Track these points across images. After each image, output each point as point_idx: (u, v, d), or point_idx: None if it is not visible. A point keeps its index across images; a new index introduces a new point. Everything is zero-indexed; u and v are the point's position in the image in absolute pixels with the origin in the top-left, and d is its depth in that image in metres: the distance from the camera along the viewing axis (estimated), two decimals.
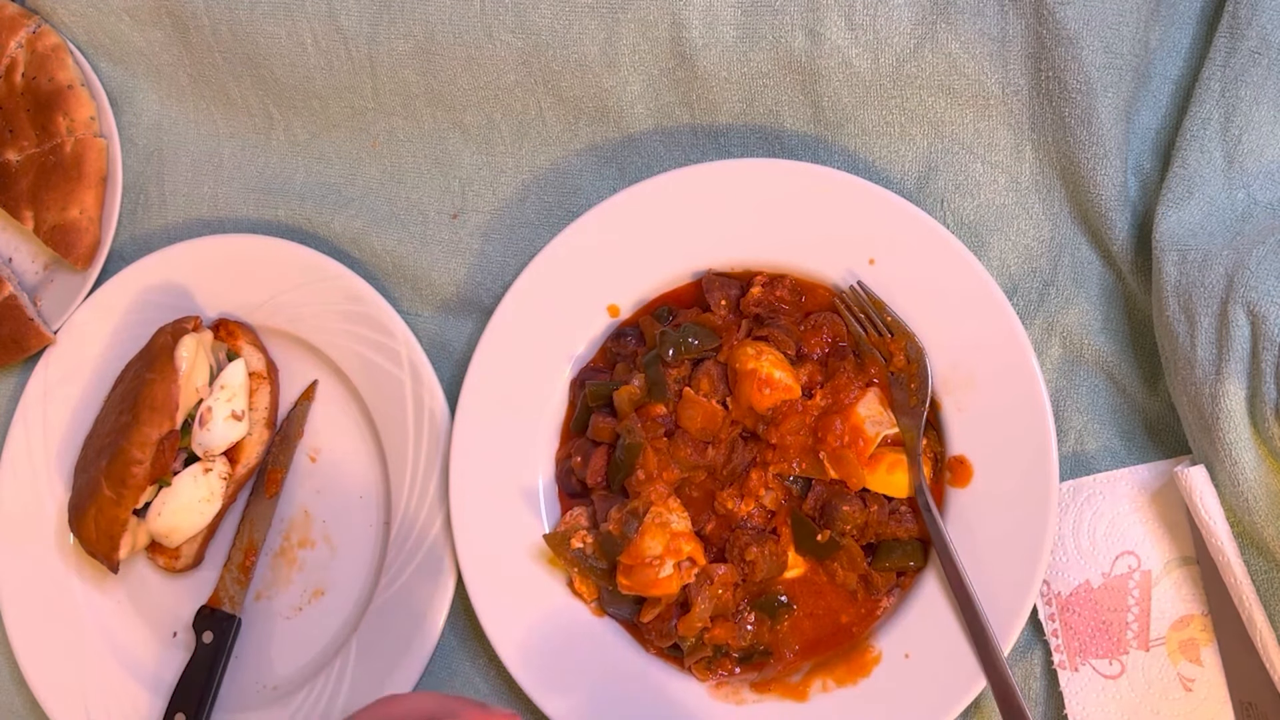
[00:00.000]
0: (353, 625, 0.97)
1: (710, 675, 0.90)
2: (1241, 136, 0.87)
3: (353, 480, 0.99)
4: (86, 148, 1.00)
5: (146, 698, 0.98)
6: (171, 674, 0.99)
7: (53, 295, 1.02)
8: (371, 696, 0.92)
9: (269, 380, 0.99)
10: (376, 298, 0.96)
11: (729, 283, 0.92)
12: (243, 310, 1.00)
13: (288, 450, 1.00)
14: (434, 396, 0.95)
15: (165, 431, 0.91)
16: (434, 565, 0.94)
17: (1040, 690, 0.90)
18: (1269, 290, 0.80)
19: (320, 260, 0.97)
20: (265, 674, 0.99)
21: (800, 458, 0.87)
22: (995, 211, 0.93)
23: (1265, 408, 0.79)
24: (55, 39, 1.00)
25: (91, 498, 0.93)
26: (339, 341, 0.97)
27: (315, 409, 1.01)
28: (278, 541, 1.00)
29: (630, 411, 0.89)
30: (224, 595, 0.98)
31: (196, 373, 0.94)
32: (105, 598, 1.01)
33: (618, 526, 0.86)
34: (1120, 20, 0.88)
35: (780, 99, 0.94)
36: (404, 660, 0.93)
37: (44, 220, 1.00)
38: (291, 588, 1.00)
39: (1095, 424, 0.91)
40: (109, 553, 0.93)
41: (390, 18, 0.96)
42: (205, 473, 0.95)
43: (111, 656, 0.99)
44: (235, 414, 0.95)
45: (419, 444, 0.95)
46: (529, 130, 0.98)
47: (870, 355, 0.89)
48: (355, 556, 0.99)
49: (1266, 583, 0.82)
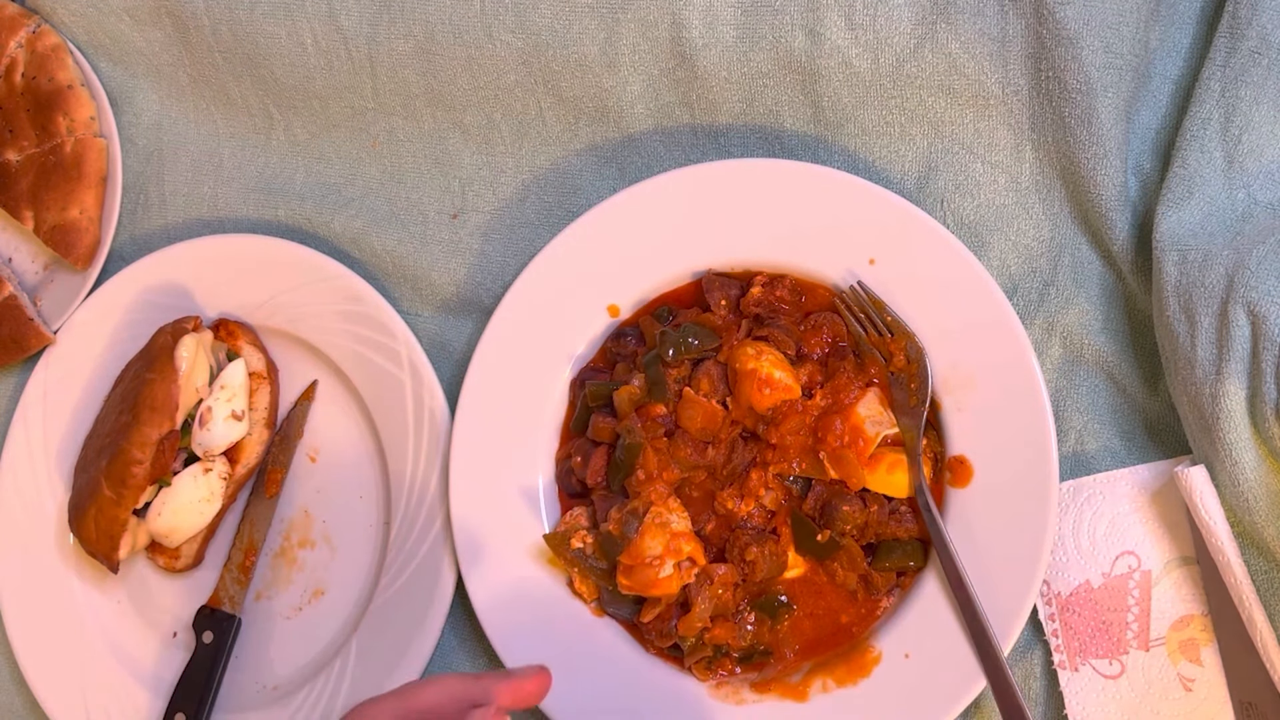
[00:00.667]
0: (353, 625, 0.97)
1: (710, 675, 0.90)
2: (1241, 136, 0.87)
3: (353, 480, 0.99)
4: (86, 148, 1.00)
5: (146, 698, 0.98)
6: (171, 674, 0.99)
7: (53, 295, 1.02)
8: (371, 696, 0.92)
9: (269, 380, 0.98)
10: (376, 298, 0.96)
11: (729, 283, 0.92)
12: (243, 310, 0.99)
13: (288, 450, 1.00)
14: (434, 396, 0.95)
15: (165, 431, 0.91)
16: (434, 565, 0.94)
17: (1040, 690, 0.90)
18: (1269, 290, 0.80)
19: (320, 260, 0.97)
20: (265, 674, 0.99)
21: (800, 458, 0.87)
22: (995, 211, 0.93)
23: (1265, 408, 0.79)
24: (55, 39, 1.00)
25: (91, 498, 0.92)
26: (339, 341, 0.97)
27: (315, 409, 1.01)
28: (278, 541, 1.00)
29: (630, 411, 0.89)
30: (224, 595, 0.98)
31: (196, 373, 0.94)
32: (105, 598, 1.01)
33: (618, 526, 0.86)
34: (1120, 20, 0.88)
35: (780, 99, 0.94)
36: (404, 660, 0.93)
37: (44, 220, 1.00)
38: (291, 588, 1.00)
39: (1095, 424, 0.91)
40: (109, 553, 0.93)
41: (390, 18, 0.96)
42: (205, 473, 0.95)
43: (111, 656, 0.99)
44: (235, 414, 0.95)
45: (419, 444, 0.95)
46: (529, 130, 0.98)
47: (870, 355, 0.89)
48: (355, 556, 0.99)
49: (1266, 583, 0.82)
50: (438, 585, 0.93)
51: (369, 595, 0.97)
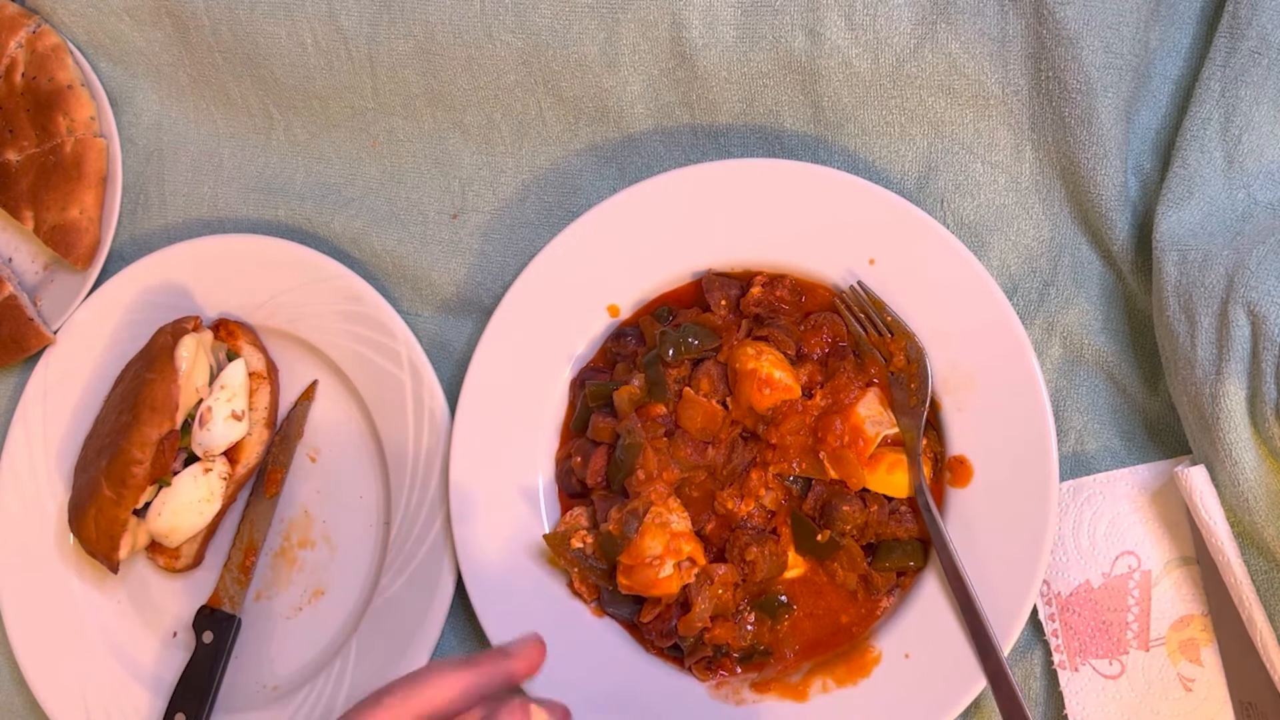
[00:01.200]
0: (353, 625, 0.97)
1: (710, 675, 0.90)
2: (1241, 136, 0.87)
3: (353, 480, 0.99)
4: (86, 148, 1.00)
5: (146, 697, 0.98)
6: (171, 674, 0.99)
7: (53, 295, 1.02)
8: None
9: (269, 380, 0.98)
10: (376, 298, 0.96)
11: (729, 283, 0.92)
12: (243, 310, 0.99)
13: (288, 450, 1.00)
14: (434, 396, 0.95)
15: (165, 431, 0.91)
16: (434, 565, 0.94)
17: (1040, 690, 0.90)
18: (1269, 290, 0.80)
19: (320, 260, 0.97)
20: (265, 674, 0.99)
21: (800, 458, 0.87)
22: (995, 211, 0.93)
23: (1265, 408, 0.79)
24: (55, 39, 1.00)
25: (91, 498, 0.92)
26: (339, 341, 0.97)
27: (315, 409, 1.01)
28: (278, 542, 1.00)
29: (630, 411, 0.89)
30: (224, 595, 0.98)
31: (196, 373, 0.94)
32: (105, 598, 1.01)
33: (618, 526, 0.86)
34: (1120, 20, 0.88)
35: (780, 99, 0.94)
36: (404, 660, 0.93)
37: (44, 220, 1.00)
38: (292, 588, 1.00)
39: (1095, 424, 0.91)
40: (109, 553, 0.93)
41: (390, 18, 0.96)
42: (205, 473, 0.95)
43: (111, 656, 0.99)
44: (235, 414, 0.95)
45: (419, 444, 0.95)
46: (529, 130, 0.98)
47: (870, 355, 0.89)
48: (355, 557, 0.98)
49: (1266, 583, 0.82)
50: (438, 585, 0.93)
51: (369, 595, 0.97)
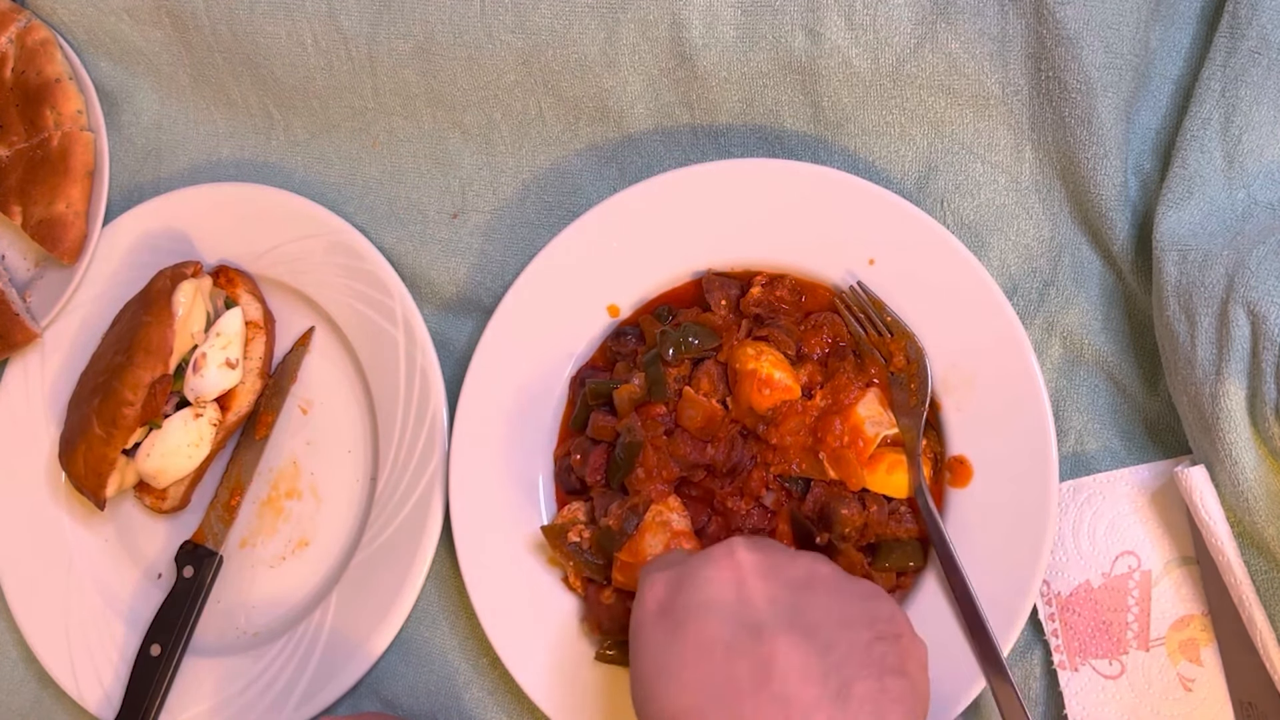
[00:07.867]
0: (334, 578, 0.98)
1: None
2: (1241, 136, 0.87)
3: (342, 435, 1.00)
4: (73, 141, 0.99)
5: (124, 630, 1.00)
6: (152, 611, 1.00)
7: (42, 291, 1.03)
8: (347, 654, 0.94)
9: (265, 331, 0.99)
10: (376, 255, 0.97)
11: (729, 283, 0.92)
12: (244, 259, 1.00)
13: (280, 394, 1.01)
14: (426, 355, 0.96)
15: (158, 375, 0.92)
16: (417, 526, 0.94)
17: (1040, 690, 0.90)
18: (1269, 290, 0.80)
19: (323, 214, 0.98)
20: (245, 620, 1.00)
21: (800, 458, 0.87)
22: (995, 211, 0.93)
23: (1265, 408, 0.79)
24: (45, 33, 1.00)
25: (82, 434, 0.94)
26: (337, 296, 0.98)
27: (309, 361, 1.01)
28: (265, 490, 1.01)
29: (630, 410, 0.89)
30: (208, 532, 1.00)
31: (193, 318, 0.95)
32: (93, 535, 1.03)
33: (617, 521, 0.86)
34: (1120, 20, 0.88)
35: (780, 99, 0.94)
36: (382, 620, 0.94)
37: (31, 215, 1.00)
38: (277, 537, 1.01)
39: (1095, 424, 0.91)
40: (96, 489, 0.94)
41: (390, 18, 0.96)
42: (196, 418, 0.96)
43: (96, 592, 1.01)
44: (229, 361, 0.96)
45: (409, 402, 0.96)
46: (529, 130, 0.98)
47: (870, 355, 0.89)
48: (340, 510, 1.00)
49: (1266, 583, 0.82)
50: (419, 546, 0.94)
51: (352, 549, 0.98)
